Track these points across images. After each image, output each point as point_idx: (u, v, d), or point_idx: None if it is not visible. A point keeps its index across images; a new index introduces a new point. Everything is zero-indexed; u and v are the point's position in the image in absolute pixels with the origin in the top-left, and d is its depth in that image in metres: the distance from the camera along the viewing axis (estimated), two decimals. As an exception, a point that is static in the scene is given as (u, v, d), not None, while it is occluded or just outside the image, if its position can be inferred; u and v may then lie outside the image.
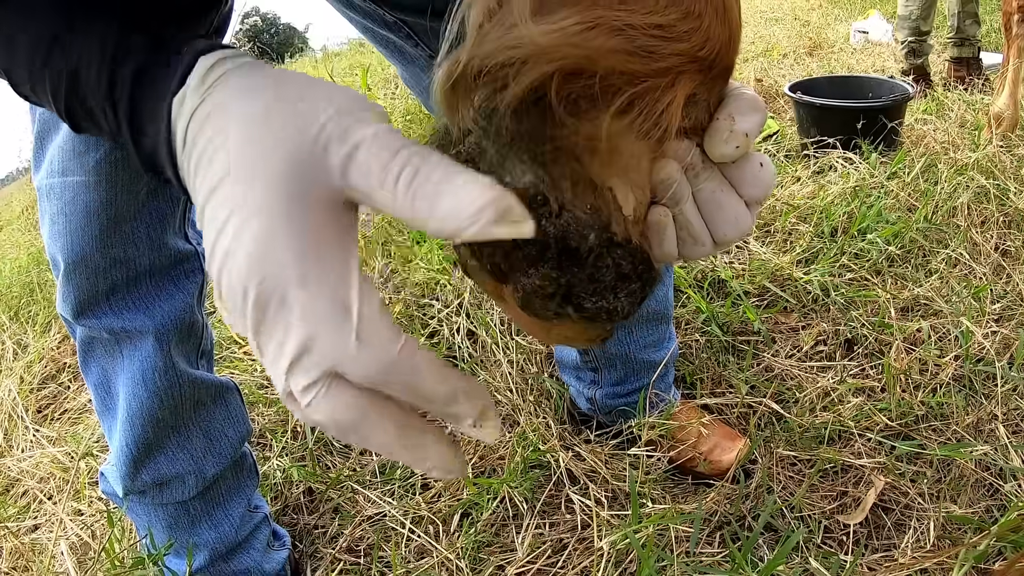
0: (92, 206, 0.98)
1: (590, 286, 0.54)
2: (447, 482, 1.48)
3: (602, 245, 0.52)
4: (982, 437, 1.43)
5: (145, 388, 1.10)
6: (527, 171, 0.50)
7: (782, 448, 1.44)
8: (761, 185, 0.55)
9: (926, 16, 3.74)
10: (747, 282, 1.96)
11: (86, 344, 1.11)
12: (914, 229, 2.06)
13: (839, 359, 1.70)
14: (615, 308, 0.55)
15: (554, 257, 0.52)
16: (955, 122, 3.03)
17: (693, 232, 0.55)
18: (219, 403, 1.22)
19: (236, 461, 1.26)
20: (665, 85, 0.47)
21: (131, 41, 0.52)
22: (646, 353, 1.44)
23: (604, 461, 1.44)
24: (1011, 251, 2.04)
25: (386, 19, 1.06)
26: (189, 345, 1.15)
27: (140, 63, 0.51)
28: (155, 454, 1.16)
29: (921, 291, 1.84)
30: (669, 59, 0.46)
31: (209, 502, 1.24)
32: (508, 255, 0.52)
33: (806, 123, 2.86)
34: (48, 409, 2.13)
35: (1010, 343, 1.65)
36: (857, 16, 5.98)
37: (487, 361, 1.78)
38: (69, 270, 1.02)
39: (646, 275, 0.56)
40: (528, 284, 0.53)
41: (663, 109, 0.48)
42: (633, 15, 0.44)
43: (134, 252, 1.04)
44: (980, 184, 2.26)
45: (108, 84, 0.51)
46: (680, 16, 0.46)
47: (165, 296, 1.09)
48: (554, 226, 0.50)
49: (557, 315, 0.55)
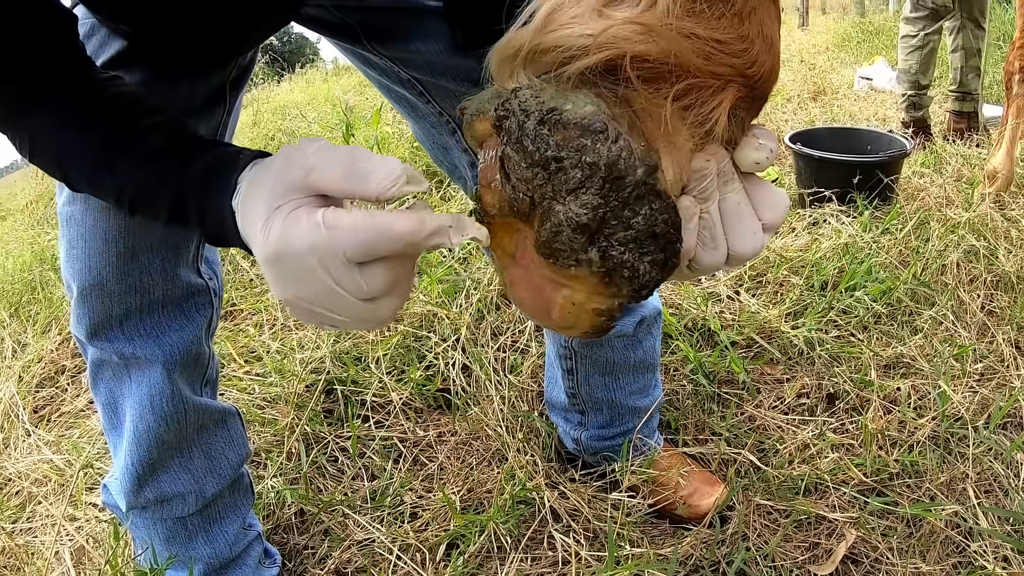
0: (111, 233, 1.03)
1: (622, 230, 0.56)
2: (435, 512, 1.53)
3: (647, 185, 0.55)
4: (954, 496, 1.47)
5: (152, 412, 1.15)
6: (588, 103, 0.55)
7: (759, 497, 1.48)
8: (777, 210, 0.63)
9: (925, 71, 3.80)
10: (736, 333, 2.01)
11: (96, 365, 1.15)
12: (901, 288, 2.11)
13: (820, 413, 1.75)
14: (636, 268, 0.57)
15: (599, 183, 0.54)
16: (951, 176, 3.08)
17: (714, 234, 0.62)
18: (221, 427, 1.27)
19: (234, 481, 1.31)
20: (717, 87, 0.56)
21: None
22: (632, 399, 1.49)
23: (587, 501, 1.49)
24: (996, 312, 2.08)
25: (400, 76, 1.13)
26: (195, 374, 1.20)
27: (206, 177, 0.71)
28: (158, 473, 1.20)
29: (904, 349, 1.89)
30: (723, 68, 0.55)
31: (206, 519, 1.29)
32: (552, 177, 0.55)
33: (804, 174, 2.90)
34: (45, 410, 2.16)
35: (988, 403, 1.69)
36: (863, 62, 6.05)
37: (479, 396, 1.83)
38: (85, 293, 1.06)
39: (670, 247, 0.58)
40: (563, 211, 0.55)
41: (713, 107, 0.56)
42: (698, 27, 0.54)
43: (149, 281, 1.08)
44: (970, 244, 2.30)
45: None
46: (736, 37, 0.55)
47: (176, 327, 1.13)
48: (609, 150, 0.54)
49: (578, 261, 0.57)
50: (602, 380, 1.46)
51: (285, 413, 1.81)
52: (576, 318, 0.62)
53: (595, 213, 0.55)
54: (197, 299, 1.16)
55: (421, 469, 1.69)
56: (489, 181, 0.61)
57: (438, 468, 1.68)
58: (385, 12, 1.08)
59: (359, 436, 1.76)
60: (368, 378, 1.91)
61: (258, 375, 2.02)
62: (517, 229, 0.61)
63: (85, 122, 0.77)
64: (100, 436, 1.92)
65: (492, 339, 2.02)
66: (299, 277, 0.61)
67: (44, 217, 4.12)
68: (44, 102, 0.77)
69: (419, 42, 1.08)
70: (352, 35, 1.12)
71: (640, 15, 0.53)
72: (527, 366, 1.90)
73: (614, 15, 0.54)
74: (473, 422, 1.77)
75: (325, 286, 0.60)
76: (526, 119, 0.56)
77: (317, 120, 5.49)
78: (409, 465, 1.69)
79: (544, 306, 0.62)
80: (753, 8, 0.56)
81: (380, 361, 1.95)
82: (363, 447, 1.74)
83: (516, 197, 0.58)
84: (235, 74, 1.09)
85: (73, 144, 0.76)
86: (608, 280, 0.58)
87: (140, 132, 0.75)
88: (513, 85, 0.59)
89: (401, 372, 1.96)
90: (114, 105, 0.78)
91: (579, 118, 0.54)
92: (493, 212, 0.61)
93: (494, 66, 0.60)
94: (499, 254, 0.64)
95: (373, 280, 0.60)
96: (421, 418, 1.85)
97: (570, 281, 0.59)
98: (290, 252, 0.60)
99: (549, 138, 0.55)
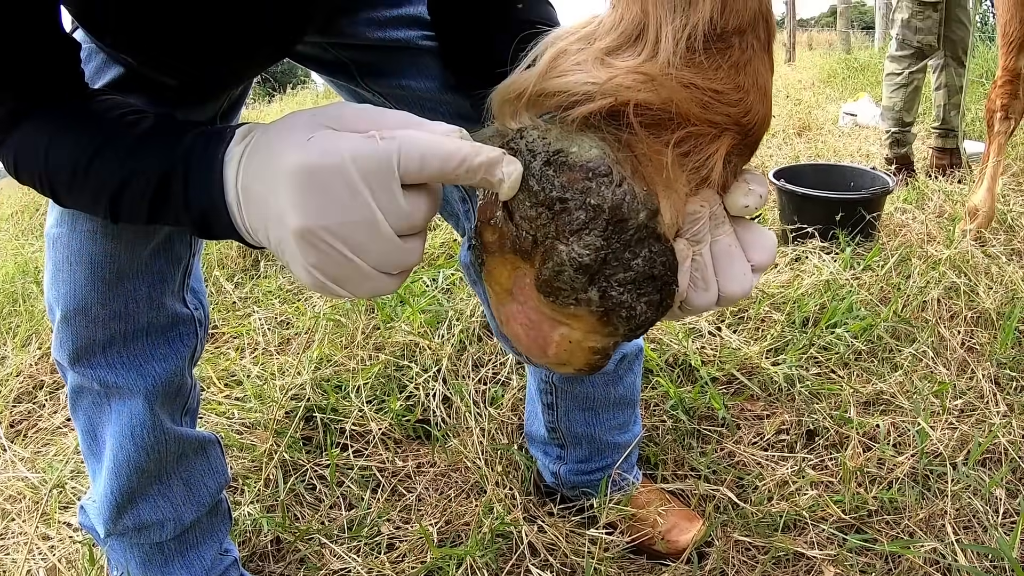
0: (96, 258, 1.02)
1: (622, 271, 0.57)
2: (412, 543, 1.52)
3: (648, 228, 0.57)
4: (932, 533, 1.47)
5: (132, 442, 1.14)
6: (594, 146, 0.57)
7: (738, 533, 1.48)
8: (766, 251, 0.65)
9: (909, 108, 3.85)
10: (716, 369, 2.01)
11: (76, 392, 1.15)
12: (882, 325, 2.12)
13: (800, 449, 1.75)
14: (633, 308, 0.58)
15: (602, 225, 0.56)
16: (933, 212, 3.11)
17: (706, 276, 0.63)
18: (200, 455, 1.27)
19: (212, 507, 1.31)
20: (713, 135, 0.58)
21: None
22: (611, 435, 1.49)
23: (565, 536, 1.48)
24: (976, 348, 2.09)
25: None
26: (176, 404, 1.20)
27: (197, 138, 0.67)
28: (137, 501, 1.20)
29: (884, 386, 1.90)
30: (719, 116, 0.58)
31: (184, 544, 1.28)
32: (556, 217, 0.57)
33: (788, 210, 2.92)
34: (21, 425, 2.14)
35: (968, 439, 1.69)
36: (848, 98, 6.12)
37: (459, 428, 1.83)
38: (68, 317, 1.06)
39: (666, 289, 0.60)
40: (566, 252, 0.56)
41: (710, 154, 0.59)
42: (697, 77, 0.57)
43: (134, 308, 1.07)
44: (951, 280, 2.32)
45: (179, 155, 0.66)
46: (733, 87, 0.58)
47: (159, 356, 1.13)
48: (613, 194, 0.56)
49: (577, 300, 0.58)
50: (582, 416, 1.46)
51: (264, 439, 1.80)
52: (571, 355, 0.63)
53: (597, 254, 0.56)
54: (182, 328, 1.16)
55: (399, 500, 1.68)
56: (489, 218, 0.62)
57: (416, 499, 1.67)
58: (379, 50, 1.10)
59: (337, 464, 1.75)
60: (348, 406, 1.90)
61: (238, 399, 2.01)
62: (516, 266, 0.62)
63: (72, 126, 0.74)
64: (75, 455, 1.90)
65: (473, 370, 2.01)
66: (333, 194, 0.55)
67: (29, 228, 4.08)
68: (34, 114, 0.75)
69: (410, 79, 1.10)
70: (346, 72, 1.14)
71: (642, 65, 0.56)
72: (508, 399, 1.89)
73: (617, 64, 0.56)
74: (452, 454, 1.76)
75: (363, 208, 0.55)
76: (532, 159, 0.58)
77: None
78: (387, 495, 1.67)
79: (540, 343, 0.63)
80: (749, 60, 0.58)
81: (360, 390, 1.94)
82: (341, 476, 1.73)
83: (519, 235, 0.59)
84: (226, 106, 1.11)
85: (58, 148, 0.74)
86: (606, 319, 0.59)
87: (126, 126, 0.72)
88: (515, 125, 0.61)
89: (381, 401, 1.95)
90: (103, 110, 0.76)
91: (585, 161, 0.56)
92: (493, 249, 0.63)
93: (496, 106, 0.62)
94: (496, 289, 0.65)
95: (417, 205, 0.58)
96: (400, 448, 1.84)
97: (568, 319, 0.61)
98: (331, 161, 0.55)
99: (555, 179, 0.57)
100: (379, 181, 0.55)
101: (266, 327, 2.40)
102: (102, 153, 0.70)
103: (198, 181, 0.64)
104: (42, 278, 2.46)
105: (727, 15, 0.56)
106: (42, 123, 0.75)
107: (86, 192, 0.73)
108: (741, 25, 0.57)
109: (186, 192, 0.65)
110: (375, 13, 1.09)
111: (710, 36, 0.56)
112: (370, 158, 0.54)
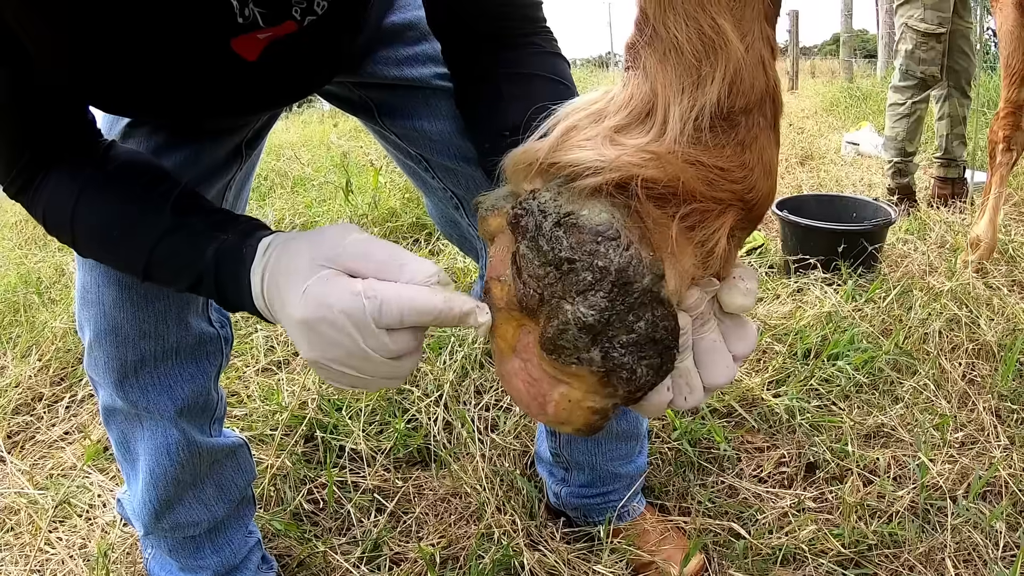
0: (124, 280, 1.05)
1: (625, 333, 0.58)
2: (412, 564, 1.52)
3: (652, 292, 0.58)
4: (932, 567, 1.46)
5: (168, 459, 1.18)
6: (603, 211, 0.58)
7: (735, 568, 1.47)
8: (748, 344, 0.68)
9: (912, 138, 3.86)
10: (717, 400, 2.01)
11: (109, 410, 1.18)
12: (883, 358, 2.12)
13: (800, 482, 1.75)
14: (634, 370, 0.59)
15: (608, 287, 0.57)
16: (935, 243, 3.12)
17: (691, 382, 0.67)
18: (231, 458, 1.32)
19: (241, 498, 1.37)
20: (719, 211, 0.60)
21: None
22: (613, 465, 1.49)
23: (567, 562, 1.48)
24: (977, 380, 2.09)
25: (409, 152, 1.20)
26: (204, 418, 1.23)
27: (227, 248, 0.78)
28: (175, 507, 1.25)
29: (885, 419, 1.90)
30: (724, 193, 0.59)
31: (213, 531, 1.33)
32: (563, 277, 0.58)
33: (790, 241, 2.93)
34: (19, 437, 2.14)
35: (968, 473, 1.69)
36: (850, 127, 6.14)
37: (460, 453, 1.83)
38: (100, 336, 1.08)
39: (667, 353, 0.61)
40: (571, 311, 0.58)
41: (715, 229, 0.60)
42: (703, 155, 0.58)
43: (163, 329, 1.10)
44: (953, 312, 2.32)
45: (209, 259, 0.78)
46: (737, 165, 0.59)
47: (187, 377, 1.16)
48: (620, 257, 0.57)
49: (579, 360, 0.59)
50: (584, 445, 1.46)
51: (271, 454, 1.80)
52: (570, 414, 0.64)
53: (602, 315, 0.57)
54: (209, 347, 1.19)
55: (399, 522, 1.68)
56: (498, 275, 0.64)
57: (416, 523, 1.67)
58: (395, 88, 1.14)
59: (337, 484, 1.75)
60: (349, 427, 1.90)
61: (238, 417, 2.01)
62: (522, 323, 0.64)
63: (100, 190, 0.83)
64: (72, 470, 1.91)
65: (475, 396, 2.02)
66: (332, 339, 0.66)
67: (32, 238, 4.08)
68: (57, 171, 0.83)
69: (423, 120, 1.14)
70: (368, 112, 1.19)
71: (649, 144, 0.57)
72: (510, 425, 1.89)
73: (626, 143, 0.58)
74: (454, 479, 1.76)
75: (356, 348, 0.66)
76: (544, 219, 0.59)
77: (311, 163, 5.51)
78: (386, 519, 1.67)
79: (540, 400, 0.64)
80: (755, 138, 0.59)
81: (362, 412, 1.94)
82: (341, 496, 1.73)
83: (526, 293, 0.60)
84: (251, 135, 1.16)
85: (87, 211, 0.82)
86: (606, 380, 0.60)
87: (156, 198, 0.82)
88: (528, 187, 0.63)
89: (383, 423, 1.95)
90: (127, 173, 0.85)
91: (594, 224, 0.57)
92: (500, 305, 0.65)
93: (509, 171, 0.65)
94: (501, 345, 0.66)
95: (400, 342, 0.67)
96: (400, 472, 1.84)
97: (569, 378, 0.62)
98: (327, 316, 0.65)
99: (564, 240, 0.58)
100: (366, 330, 0.65)
101: (268, 346, 2.40)
102: (129, 230, 0.81)
103: (231, 293, 0.78)
104: (44, 289, 2.45)
105: (734, 96, 0.57)
106: (68, 181, 0.83)
107: (111, 257, 0.88)
108: (748, 105, 0.58)
109: (221, 297, 0.79)
110: (393, 52, 1.12)
111: (717, 116, 0.57)
112: (357, 314, 0.65)
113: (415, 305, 0.65)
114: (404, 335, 0.67)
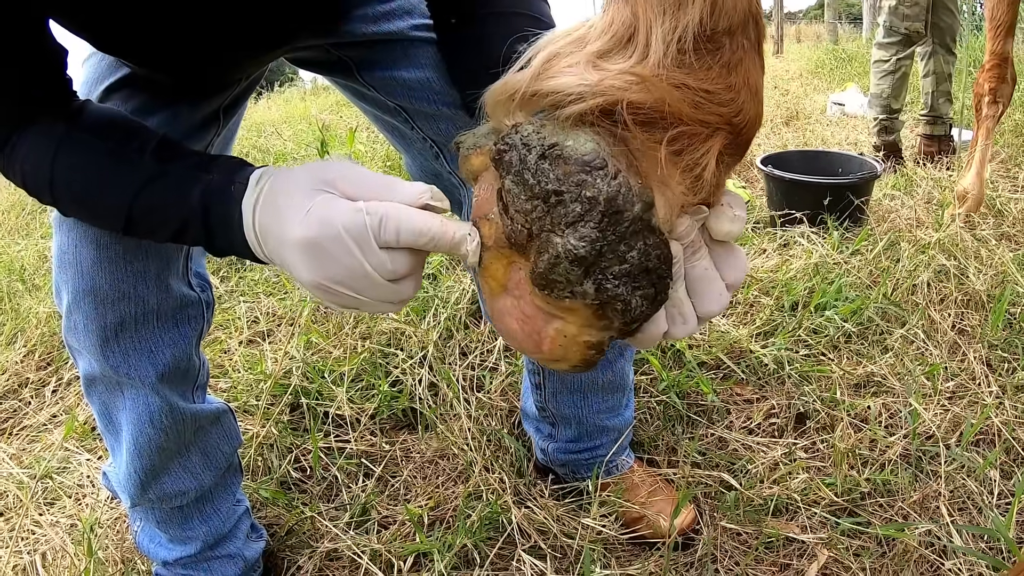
0: (103, 239, 1.02)
1: (617, 264, 0.57)
2: (401, 525, 1.51)
3: (643, 220, 0.57)
4: (927, 514, 1.46)
5: (152, 426, 1.16)
6: (589, 140, 0.57)
7: (727, 520, 1.46)
8: (739, 271, 0.67)
9: (896, 95, 3.85)
10: (704, 353, 2.00)
11: (89, 379, 1.15)
12: (872, 308, 2.10)
13: (790, 433, 1.74)
14: (629, 302, 0.59)
15: (598, 217, 0.56)
16: (922, 198, 3.11)
17: (684, 311, 0.66)
18: (216, 425, 1.29)
19: (228, 466, 1.35)
20: (706, 135, 0.59)
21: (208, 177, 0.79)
22: (600, 418, 1.47)
23: (556, 518, 1.46)
24: (967, 330, 2.08)
25: (388, 105, 1.19)
26: (186, 384, 1.21)
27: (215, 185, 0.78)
28: (160, 476, 1.23)
29: (875, 368, 1.89)
30: (711, 116, 0.58)
31: (201, 500, 1.32)
32: (551, 210, 0.57)
33: (775, 196, 2.91)
34: (7, 423, 2.13)
35: (960, 421, 1.69)
36: (835, 88, 6.13)
37: (447, 414, 1.81)
38: (78, 299, 1.05)
39: (661, 283, 0.60)
40: (561, 244, 0.57)
41: (703, 152, 0.59)
42: (688, 78, 0.57)
43: (143, 289, 1.07)
44: (941, 263, 2.31)
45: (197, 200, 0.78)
46: (724, 87, 0.58)
47: (168, 342, 1.13)
48: (608, 186, 0.56)
49: (572, 293, 0.59)
50: (570, 398, 1.45)
51: (257, 423, 1.78)
52: (566, 350, 0.64)
53: (592, 246, 0.57)
54: (190, 311, 1.16)
55: (386, 486, 1.66)
56: (485, 213, 0.64)
57: (403, 486, 1.65)
58: (374, 44, 1.14)
59: (324, 450, 1.73)
60: (334, 392, 1.88)
61: (223, 389, 1.99)
62: (511, 260, 0.63)
63: (76, 146, 0.83)
64: (60, 450, 1.89)
65: (460, 357, 1.99)
66: (334, 256, 0.67)
67: (16, 227, 4.07)
68: (36, 128, 0.84)
69: (402, 70, 1.14)
70: (346, 70, 1.19)
71: (633, 67, 0.57)
72: (496, 385, 1.87)
73: (608, 67, 0.57)
74: (440, 440, 1.74)
75: (357, 265, 0.66)
76: (527, 153, 0.58)
77: (292, 138, 5.49)
78: (374, 483, 1.65)
79: (535, 337, 0.64)
80: (740, 60, 0.59)
81: (346, 376, 1.92)
82: (328, 461, 1.71)
83: (514, 229, 0.60)
84: (229, 101, 1.15)
85: (65, 167, 0.82)
86: (601, 313, 0.60)
87: (133, 151, 0.82)
88: (510, 122, 0.62)
89: (368, 388, 1.93)
90: (103, 127, 0.85)
91: (580, 154, 0.57)
92: (488, 243, 0.64)
93: (490, 106, 0.64)
94: (491, 284, 0.66)
95: (398, 262, 0.68)
96: (387, 436, 1.82)
97: (563, 313, 0.61)
98: (329, 232, 0.66)
99: (550, 172, 0.57)
100: (367, 245, 0.66)
101: (251, 316, 2.38)
102: (112, 179, 0.82)
103: (219, 234, 0.78)
104: (28, 277, 2.43)
105: (717, 17, 0.56)
106: (46, 139, 0.83)
107: (92, 212, 0.88)
108: (731, 26, 0.57)
109: (209, 240, 0.79)
110: (370, 9, 1.13)
111: (700, 37, 0.57)
112: (358, 228, 0.66)
113: (413, 224, 0.66)
114: (402, 255, 0.68)
